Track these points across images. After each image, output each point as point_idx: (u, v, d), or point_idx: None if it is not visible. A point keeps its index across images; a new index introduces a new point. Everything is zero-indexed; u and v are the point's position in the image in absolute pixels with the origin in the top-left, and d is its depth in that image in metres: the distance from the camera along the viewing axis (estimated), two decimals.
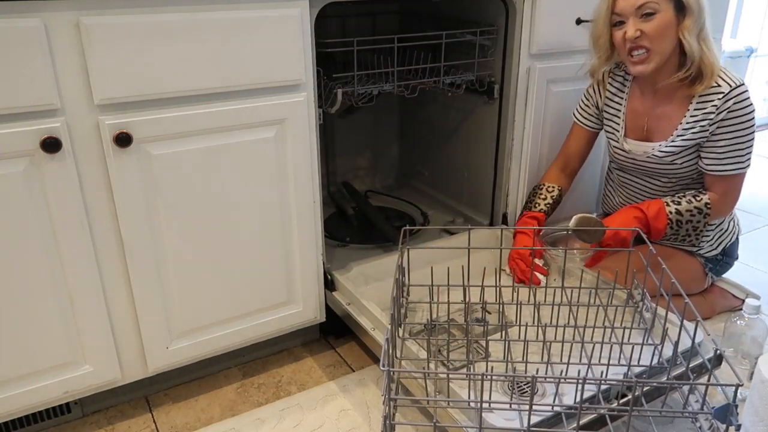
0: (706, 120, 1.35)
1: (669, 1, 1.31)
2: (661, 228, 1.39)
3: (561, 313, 1.27)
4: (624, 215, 1.42)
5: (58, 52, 1.00)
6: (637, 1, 1.32)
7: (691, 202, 1.40)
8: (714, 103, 1.33)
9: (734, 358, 1.38)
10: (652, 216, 1.39)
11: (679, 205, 1.40)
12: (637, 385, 0.93)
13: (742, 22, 3.27)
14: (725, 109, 1.33)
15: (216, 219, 1.23)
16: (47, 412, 1.29)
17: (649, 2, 1.30)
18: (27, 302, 1.10)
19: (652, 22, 1.31)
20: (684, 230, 1.42)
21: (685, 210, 1.40)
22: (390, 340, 0.98)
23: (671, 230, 1.41)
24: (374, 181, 2.20)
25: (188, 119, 1.14)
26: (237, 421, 1.31)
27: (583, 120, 1.59)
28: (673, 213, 1.39)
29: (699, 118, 1.36)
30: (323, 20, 1.29)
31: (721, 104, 1.33)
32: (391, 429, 0.93)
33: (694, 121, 1.36)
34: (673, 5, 1.31)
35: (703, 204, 1.40)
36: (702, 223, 1.41)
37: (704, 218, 1.41)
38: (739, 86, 1.33)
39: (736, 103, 1.32)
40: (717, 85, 1.34)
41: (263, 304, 1.36)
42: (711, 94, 1.34)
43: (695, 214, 1.40)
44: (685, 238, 1.45)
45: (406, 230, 1.32)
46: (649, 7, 1.31)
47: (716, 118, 1.34)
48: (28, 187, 1.04)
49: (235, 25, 1.13)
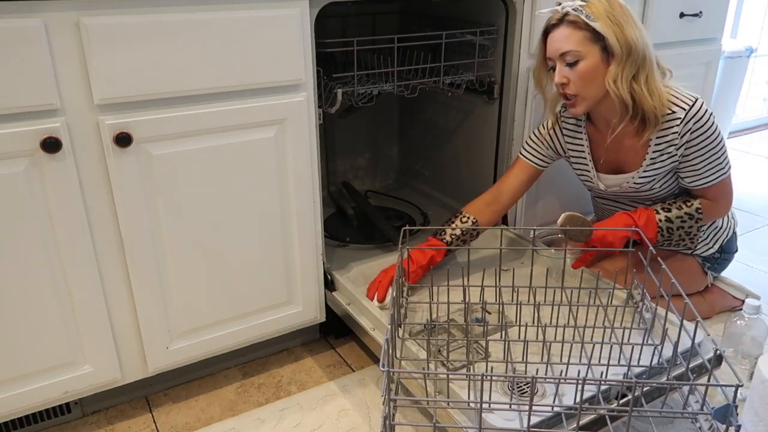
0: (672, 146, 1.33)
1: (594, 45, 1.25)
2: (652, 237, 1.37)
3: (561, 314, 1.27)
4: (614, 221, 1.40)
5: (58, 52, 1.00)
6: (560, 48, 1.28)
7: (681, 208, 1.39)
8: (674, 130, 1.31)
9: (734, 358, 1.38)
10: (642, 224, 1.37)
11: (669, 212, 1.39)
12: (636, 385, 0.93)
13: (742, 22, 3.27)
14: (687, 131, 1.31)
15: (216, 219, 1.23)
16: (47, 412, 1.29)
17: (571, 51, 1.26)
18: (27, 302, 1.10)
19: (576, 69, 1.27)
20: (677, 236, 1.41)
21: (676, 217, 1.39)
22: (390, 340, 0.98)
23: (662, 237, 1.40)
24: (374, 181, 2.20)
25: (188, 119, 1.14)
26: (237, 421, 1.31)
27: (530, 156, 1.50)
28: (663, 221, 1.38)
29: (663, 146, 1.34)
30: (323, 20, 1.29)
31: (682, 128, 1.30)
32: (391, 429, 0.93)
33: (660, 150, 1.35)
34: (599, 50, 1.26)
35: (693, 209, 1.39)
36: (695, 228, 1.40)
37: (696, 223, 1.40)
38: (693, 105, 1.29)
39: (697, 122, 1.30)
40: (672, 112, 1.30)
41: (263, 304, 1.36)
42: (669, 122, 1.31)
43: (686, 220, 1.39)
44: (679, 243, 1.43)
45: (406, 230, 1.32)
46: (571, 56, 1.27)
47: (681, 142, 1.32)
48: (28, 187, 1.04)
49: (235, 25, 1.13)
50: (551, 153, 1.51)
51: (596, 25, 1.24)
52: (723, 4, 1.85)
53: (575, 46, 1.26)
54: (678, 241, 1.43)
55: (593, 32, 1.25)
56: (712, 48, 1.90)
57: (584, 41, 1.26)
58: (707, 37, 1.86)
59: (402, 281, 1.29)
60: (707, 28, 1.84)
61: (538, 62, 1.38)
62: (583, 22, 1.25)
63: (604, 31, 1.23)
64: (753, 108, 3.58)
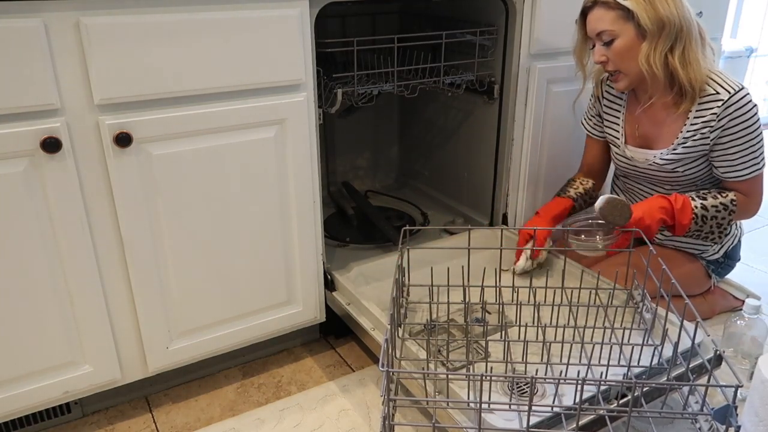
0: (707, 128, 1.34)
1: (628, 23, 1.29)
2: (686, 223, 1.36)
3: (561, 314, 1.27)
4: (650, 203, 1.38)
5: (58, 52, 1.00)
6: (596, 28, 1.33)
7: (717, 197, 1.38)
8: (713, 111, 1.32)
9: (734, 359, 1.38)
10: (678, 208, 1.36)
11: (705, 200, 1.38)
12: (636, 385, 0.93)
13: (742, 22, 3.27)
14: (726, 116, 1.31)
15: (216, 219, 1.24)
16: (47, 412, 1.29)
17: (605, 31, 1.32)
18: (27, 302, 1.10)
19: (613, 48, 1.32)
20: (708, 227, 1.39)
21: (711, 205, 1.37)
22: (389, 340, 0.98)
23: (696, 225, 1.38)
24: (374, 181, 2.20)
25: (188, 119, 1.14)
26: (237, 421, 1.31)
27: (591, 129, 1.59)
28: (699, 207, 1.37)
29: (699, 126, 1.35)
30: (323, 20, 1.29)
31: (721, 112, 1.31)
32: (391, 429, 0.93)
33: (695, 129, 1.35)
34: (633, 27, 1.29)
35: (729, 200, 1.38)
36: (726, 220, 1.39)
37: (729, 215, 1.38)
38: (738, 91, 1.31)
39: (738, 109, 1.31)
40: (715, 92, 1.32)
41: (263, 304, 1.36)
42: (709, 102, 1.33)
43: (720, 210, 1.38)
44: (708, 235, 1.41)
45: (406, 230, 1.32)
46: (606, 35, 1.32)
47: (717, 125, 1.32)
48: (28, 187, 1.04)
49: (235, 25, 1.13)
50: (599, 120, 1.56)
51: (627, 4, 1.28)
52: (723, 4, 1.85)
53: (609, 26, 1.31)
54: (708, 233, 1.40)
55: (625, 10, 1.28)
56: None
57: (617, 20, 1.30)
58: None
59: (402, 281, 1.29)
60: (707, 27, 1.82)
61: (577, 42, 1.43)
62: (615, 2, 1.29)
63: (635, 8, 1.27)
64: None
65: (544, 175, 1.70)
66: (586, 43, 1.41)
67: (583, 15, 1.37)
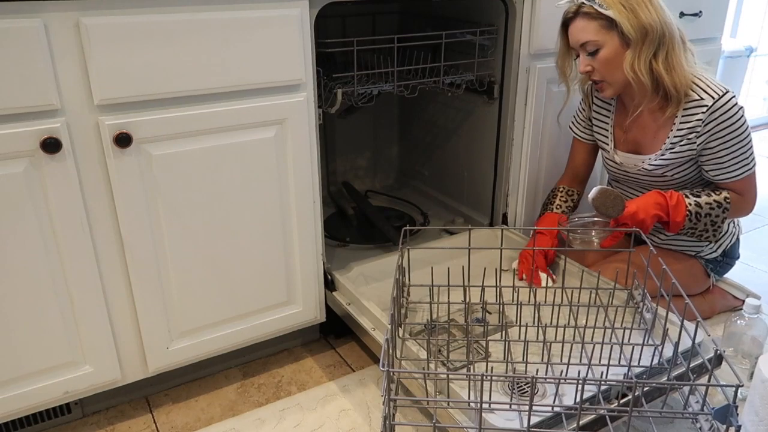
0: (693, 133, 1.33)
1: (611, 32, 1.29)
2: (680, 220, 1.36)
3: (561, 314, 1.27)
4: (645, 199, 1.38)
5: (58, 52, 1.00)
6: (579, 39, 1.33)
7: (711, 195, 1.38)
8: (698, 117, 1.32)
9: (734, 358, 1.38)
10: (672, 204, 1.36)
11: (699, 197, 1.38)
12: (637, 385, 0.93)
13: (742, 21, 3.27)
14: (711, 121, 1.31)
15: (216, 219, 1.23)
16: (47, 412, 1.29)
17: (590, 41, 1.31)
18: (27, 302, 1.10)
19: (598, 58, 1.32)
20: (702, 224, 1.38)
21: (705, 203, 1.37)
22: (390, 340, 0.98)
23: (690, 223, 1.37)
24: (374, 181, 2.20)
25: (188, 119, 1.14)
26: (237, 421, 1.31)
27: (579, 133, 1.59)
28: (693, 205, 1.36)
29: (685, 132, 1.35)
30: (323, 20, 1.29)
31: (706, 117, 1.31)
32: (391, 429, 0.93)
33: (681, 135, 1.35)
34: (617, 36, 1.29)
35: (722, 198, 1.38)
36: (720, 218, 1.39)
37: (723, 213, 1.38)
38: (722, 96, 1.30)
39: (723, 114, 1.30)
40: (699, 98, 1.31)
41: (263, 304, 1.36)
42: (694, 108, 1.32)
43: (714, 207, 1.37)
44: (702, 233, 1.41)
45: (406, 230, 1.32)
46: (591, 45, 1.32)
47: (703, 131, 1.32)
48: (28, 187, 1.04)
49: (235, 25, 1.13)
50: (588, 124, 1.55)
51: (609, 13, 1.27)
52: (723, 4, 1.85)
53: (593, 36, 1.30)
54: (702, 231, 1.40)
55: (608, 20, 1.28)
56: (712, 47, 1.89)
57: (600, 30, 1.29)
58: (707, 37, 1.86)
59: (402, 281, 1.29)
60: (707, 27, 1.83)
61: (560, 53, 1.42)
62: (597, 12, 1.28)
63: (617, 17, 1.26)
64: (753, 107, 3.57)
65: (544, 175, 1.70)
66: (569, 53, 1.40)
67: (565, 26, 1.36)
